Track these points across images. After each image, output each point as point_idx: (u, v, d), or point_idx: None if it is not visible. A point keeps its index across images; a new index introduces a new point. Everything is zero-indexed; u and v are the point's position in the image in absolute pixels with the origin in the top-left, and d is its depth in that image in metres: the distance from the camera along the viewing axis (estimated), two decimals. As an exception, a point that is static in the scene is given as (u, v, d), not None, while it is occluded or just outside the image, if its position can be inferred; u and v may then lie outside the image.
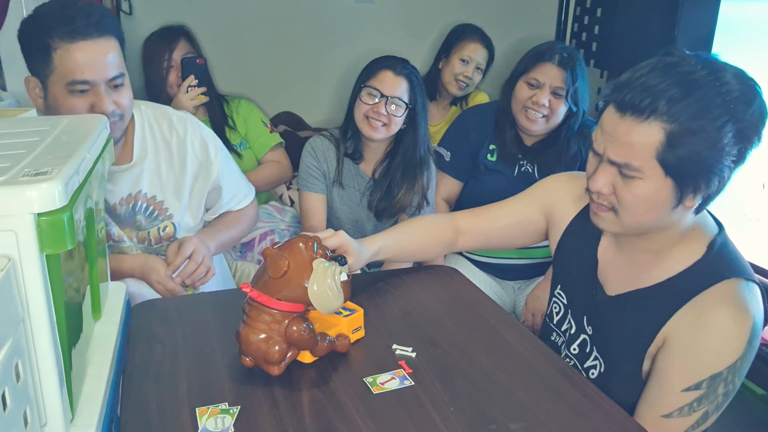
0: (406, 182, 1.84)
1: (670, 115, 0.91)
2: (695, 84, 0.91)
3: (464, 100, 2.50)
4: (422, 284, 1.28)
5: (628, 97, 0.94)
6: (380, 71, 1.77)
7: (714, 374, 0.95)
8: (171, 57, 2.02)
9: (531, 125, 1.79)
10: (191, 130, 1.48)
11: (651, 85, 0.93)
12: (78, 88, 1.23)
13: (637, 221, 1.00)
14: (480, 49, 2.38)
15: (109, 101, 1.27)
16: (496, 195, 1.86)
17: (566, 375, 0.96)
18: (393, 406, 0.87)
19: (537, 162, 1.85)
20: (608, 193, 1.00)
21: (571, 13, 2.84)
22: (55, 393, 0.63)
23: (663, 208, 0.97)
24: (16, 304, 0.58)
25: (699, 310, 0.97)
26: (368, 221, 1.90)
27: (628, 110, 0.94)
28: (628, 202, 0.98)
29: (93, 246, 0.84)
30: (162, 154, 1.45)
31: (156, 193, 1.44)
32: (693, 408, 0.96)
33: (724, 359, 0.95)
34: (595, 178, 1.00)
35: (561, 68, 1.74)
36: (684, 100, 0.90)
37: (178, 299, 1.30)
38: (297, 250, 0.91)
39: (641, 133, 0.93)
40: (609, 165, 0.98)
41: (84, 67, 1.22)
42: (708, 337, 0.96)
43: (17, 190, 0.57)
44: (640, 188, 0.96)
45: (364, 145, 1.85)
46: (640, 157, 0.94)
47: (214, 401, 0.87)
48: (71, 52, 1.21)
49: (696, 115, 0.90)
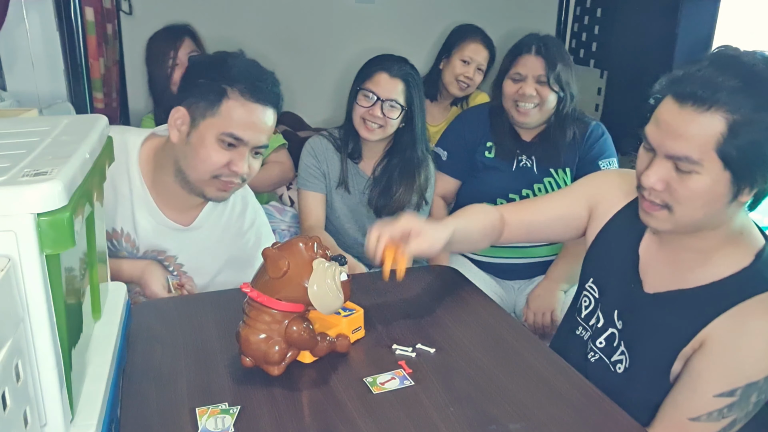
0: (405, 181, 1.84)
1: (731, 105, 0.89)
2: (757, 76, 0.91)
3: (465, 101, 2.50)
4: (422, 284, 1.28)
5: (689, 88, 0.92)
6: (376, 73, 1.77)
7: (750, 383, 0.94)
8: (176, 55, 2.02)
9: (524, 118, 1.80)
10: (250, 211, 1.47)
11: (711, 76, 0.91)
12: (230, 141, 1.24)
13: (691, 217, 0.98)
14: (481, 49, 2.38)
15: (248, 165, 1.28)
16: (496, 191, 1.87)
17: (566, 375, 0.96)
18: (393, 406, 0.87)
19: (535, 155, 1.85)
20: (661, 189, 0.98)
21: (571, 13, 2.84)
22: (55, 393, 0.63)
23: (719, 202, 0.95)
24: (16, 304, 0.58)
25: (743, 316, 0.96)
26: (368, 219, 1.91)
27: (688, 101, 0.92)
28: (684, 197, 0.96)
29: (93, 246, 0.84)
30: (214, 232, 1.42)
31: (185, 262, 1.42)
32: (723, 414, 0.95)
33: (763, 369, 0.94)
34: (648, 173, 0.98)
35: (539, 56, 1.76)
36: (745, 91, 0.89)
37: (178, 299, 1.30)
38: (297, 250, 0.91)
39: (702, 124, 0.91)
40: (664, 160, 0.96)
41: (247, 127, 1.24)
42: (749, 345, 0.95)
43: (17, 190, 0.57)
44: (697, 182, 0.94)
45: (362, 144, 1.86)
46: (700, 150, 0.92)
47: (214, 401, 0.87)
48: (244, 108, 1.24)
49: (758, 106, 0.89)
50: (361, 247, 1.93)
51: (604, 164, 1.80)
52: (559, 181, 1.83)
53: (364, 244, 1.95)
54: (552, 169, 1.84)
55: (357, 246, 1.92)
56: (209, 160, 1.25)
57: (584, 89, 2.72)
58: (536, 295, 1.81)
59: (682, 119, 0.93)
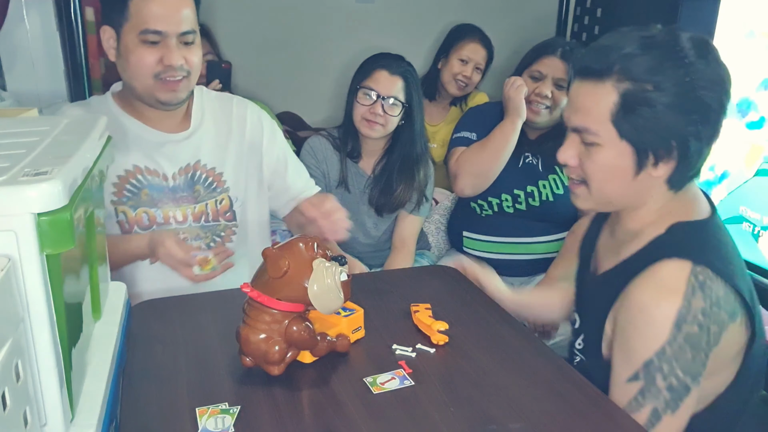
0: (404, 179, 1.85)
1: (624, 72, 0.90)
2: (653, 42, 0.90)
3: (464, 101, 2.50)
4: (422, 284, 1.28)
5: (585, 62, 0.94)
6: (375, 71, 1.78)
7: (646, 361, 0.90)
8: None
9: (535, 117, 1.80)
10: (251, 111, 1.50)
11: (607, 45, 0.92)
12: (150, 38, 1.25)
13: (603, 192, 0.99)
14: (479, 49, 2.38)
15: (179, 55, 1.28)
16: (501, 186, 1.87)
17: (566, 375, 0.96)
18: (393, 406, 0.87)
19: (541, 154, 1.86)
20: (575, 165, 1.00)
21: (571, 13, 2.84)
22: (55, 393, 0.63)
23: (624, 176, 0.96)
24: (16, 304, 0.58)
25: (631, 292, 0.93)
26: (369, 217, 1.91)
27: (585, 74, 0.94)
28: (592, 171, 0.98)
29: (93, 246, 0.84)
30: (221, 126, 1.45)
31: (215, 165, 1.43)
32: (639, 403, 0.91)
33: (649, 344, 0.90)
34: (561, 149, 1.01)
35: (563, 60, 1.77)
36: (639, 57, 0.90)
37: (178, 299, 1.29)
38: (297, 250, 0.91)
39: (597, 95, 0.92)
40: (573, 134, 0.99)
41: (158, 17, 1.25)
42: (632, 320, 0.92)
43: (17, 190, 0.57)
44: (599, 154, 0.95)
45: (362, 143, 1.87)
46: (596, 121, 0.93)
47: (214, 401, 0.87)
48: (149, 1, 1.25)
49: (651, 70, 0.89)
50: (360, 246, 1.93)
51: None
52: (564, 178, 1.84)
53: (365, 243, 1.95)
54: (556, 167, 1.84)
55: (357, 245, 1.92)
56: (141, 62, 1.26)
57: (584, 89, 2.73)
58: None
59: (581, 92, 0.95)
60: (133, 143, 1.37)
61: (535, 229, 1.90)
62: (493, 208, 1.89)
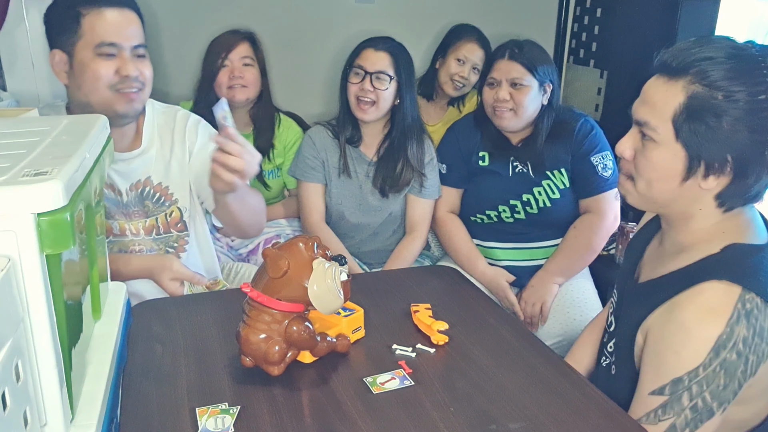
0: (402, 155, 1.88)
1: (699, 75, 0.88)
2: (739, 54, 0.88)
3: (461, 101, 2.49)
4: (422, 284, 1.28)
5: (666, 56, 0.92)
6: (362, 50, 1.85)
7: (675, 379, 0.89)
8: (227, 57, 1.99)
9: (502, 122, 1.82)
10: (192, 121, 1.53)
11: (692, 46, 0.90)
12: (106, 50, 1.29)
13: (648, 191, 0.98)
14: (476, 49, 2.37)
15: (134, 67, 1.32)
16: (496, 197, 1.87)
17: (566, 375, 0.96)
18: (393, 406, 0.87)
19: (529, 161, 1.86)
20: (629, 158, 0.98)
21: (571, 13, 2.84)
22: (55, 393, 0.63)
23: (672, 179, 0.94)
24: (16, 304, 0.58)
25: (673, 307, 0.91)
26: (373, 200, 1.93)
27: (662, 70, 0.93)
28: (642, 167, 0.97)
29: (93, 246, 0.84)
30: (165, 140, 1.48)
31: (162, 179, 1.46)
32: (658, 416, 0.90)
33: (683, 362, 0.88)
34: (621, 141, 1.00)
35: (512, 60, 1.77)
36: (719, 64, 0.87)
37: (178, 299, 1.30)
38: (297, 250, 0.91)
39: (666, 93, 0.91)
40: (635, 128, 0.98)
41: (112, 30, 1.30)
42: (670, 336, 0.90)
43: (17, 190, 0.57)
44: (653, 152, 0.94)
45: (361, 127, 1.90)
46: (658, 117, 0.92)
47: (214, 401, 0.87)
48: (100, 15, 1.29)
49: (727, 79, 0.86)
50: (361, 233, 1.94)
51: (596, 159, 1.80)
52: (557, 182, 1.84)
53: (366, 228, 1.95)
54: (548, 171, 1.84)
55: (357, 231, 1.93)
56: (98, 74, 1.30)
57: (584, 89, 2.73)
58: (530, 285, 1.85)
59: (652, 87, 0.95)
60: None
61: (536, 235, 1.91)
62: (492, 220, 1.90)
